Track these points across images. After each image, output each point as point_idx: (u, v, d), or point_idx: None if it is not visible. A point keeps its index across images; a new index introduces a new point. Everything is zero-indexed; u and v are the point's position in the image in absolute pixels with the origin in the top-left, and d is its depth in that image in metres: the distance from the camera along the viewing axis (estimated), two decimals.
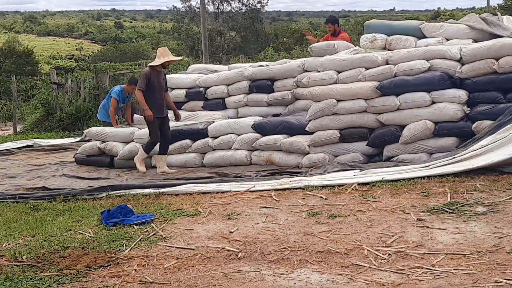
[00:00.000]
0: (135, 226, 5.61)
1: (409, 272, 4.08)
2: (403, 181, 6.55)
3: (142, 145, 8.65)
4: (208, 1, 40.13)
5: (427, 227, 4.99)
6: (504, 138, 6.73)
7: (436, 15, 60.33)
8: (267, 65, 10.04)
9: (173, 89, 10.12)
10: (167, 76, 10.93)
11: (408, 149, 7.51)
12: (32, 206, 6.77)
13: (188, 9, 42.35)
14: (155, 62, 8.45)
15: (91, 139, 9.98)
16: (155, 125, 8.37)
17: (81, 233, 5.51)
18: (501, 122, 6.97)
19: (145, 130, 9.24)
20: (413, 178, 6.60)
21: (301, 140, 8.11)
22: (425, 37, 8.84)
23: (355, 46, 9.76)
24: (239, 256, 4.62)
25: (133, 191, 7.12)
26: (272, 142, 8.34)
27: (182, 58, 9.14)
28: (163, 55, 8.48)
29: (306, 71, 9.03)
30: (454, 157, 6.88)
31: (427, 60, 7.81)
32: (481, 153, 6.74)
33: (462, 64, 7.67)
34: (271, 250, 4.71)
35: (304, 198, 6.32)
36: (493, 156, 6.61)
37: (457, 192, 5.99)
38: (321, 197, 6.30)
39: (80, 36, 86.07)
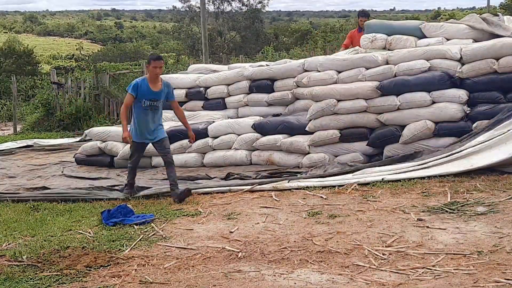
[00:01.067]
0: (135, 226, 5.61)
1: (409, 272, 4.08)
2: (403, 181, 6.55)
3: None
4: (208, 1, 40.13)
5: (427, 227, 4.99)
6: (502, 135, 6.73)
7: (436, 15, 60.31)
8: (267, 65, 10.04)
9: (173, 89, 10.10)
10: (168, 76, 10.96)
11: (408, 149, 7.50)
12: (32, 206, 6.77)
13: (188, 9, 42.34)
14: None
15: (91, 139, 9.98)
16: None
17: (81, 233, 5.51)
18: (499, 118, 6.97)
19: None
20: (413, 178, 6.60)
21: (301, 140, 8.11)
22: (425, 37, 8.84)
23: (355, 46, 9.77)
24: (239, 256, 4.62)
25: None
26: (272, 142, 8.34)
27: None
28: None
29: (306, 71, 9.02)
30: (451, 153, 6.87)
31: (427, 60, 7.81)
32: (479, 150, 6.74)
33: (462, 64, 7.67)
34: (271, 250, 4.71)
35: (304, 198, 6.32)
36: (492, 156, 6.61)
37: (457, 192, 5.99)
38: (321, 197, 6.30)
39: (80, 36, 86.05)
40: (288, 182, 6.96)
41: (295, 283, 4.01)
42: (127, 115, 6.87)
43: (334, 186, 6.65)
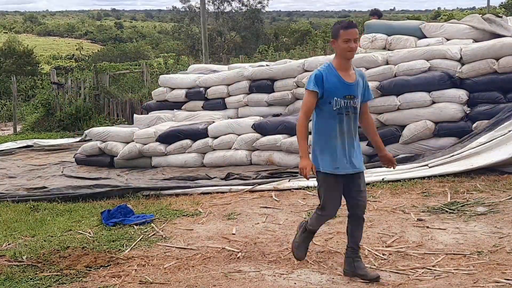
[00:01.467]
0: (135, 226, 5.61)
1: (409, 272, 4.08)
2: (403, 181, 6.55)
3: None
4: (208, 1, 40.15)
5: (427, 227, 4.99)
6: (503, 136, 6.73)
7: (436, 15, 60.31)
8: (267, 65, 10.04)
9: (173, 89, 10.12)
10: (168, 75, 10.96)
11: (408, 149, 7.50)
12: (32, 206, 6.76)
13: (188, 9, 42.37)
14: None
15: (91, 139, 9.98)
16: None
17: (81, 233, 5.51)
18: (499, 119, 6.97)
19: (145, 130, 9.25)
20: (413, 178, 6.60)
21: None
22: (425, 37, 8.84)
23: None
24: (239, 256, 4.62)
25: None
26: (272, 142, 8.34)
27: None
28: None
29: (306, 71, 9.01)
30: (452, 155, 6.87)
31: (427, 60, 7.81)
32: (480, 151, 6.74)
33: (462, 64, 7.67)
34: (271, 250, 4.70)
35: (304, 198, 6.32)
36: (492, 156, 6.61)
37: (457, 192, 5.99)
38: None
39: (80, 36, 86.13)
40: (289, 181, 6.95)
41: (295, 283, 4.01)
42: (307, 130, 4.08)
43: None
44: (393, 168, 4.52)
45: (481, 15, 9.13)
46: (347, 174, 4.04)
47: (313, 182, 6.82)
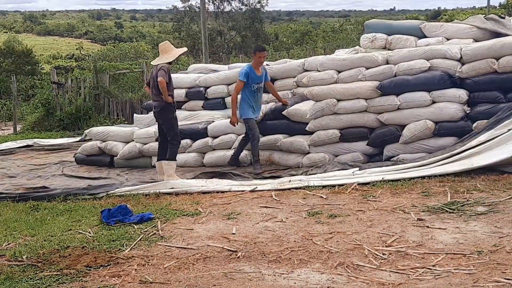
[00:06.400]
0: (135, 226, 5.61)
1: (409, 272, 4.08)
2: (403, 181, 6.55)
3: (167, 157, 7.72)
4: (208, 1, 40.13)
5: (427, 226, 4.99)
6: (503, 135, 6.73)
7: (437, 15, 60.30)
8: (267, 65, 10.03)
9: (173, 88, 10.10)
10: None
11: (408, 149, 7.50)
12: (32, 206, 6.76)
13: (188, 9, 42.34)
14: (166, 59, 7.70)
15: (91, 139, 9.98)
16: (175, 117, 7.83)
17: (81, 233, 5.51)
18: (499, 118, 6.97)
19: (145, 130, 9.26)
20: (413, 178, 6.60)
21: (301, 140, 8.11)
22: (425, 36, 8.84)
23: (355, 45, 9.77)
24: (239, 256, 4.62)
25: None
26: (272, 141, 8.34)
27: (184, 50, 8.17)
28: (168, 52, 7.77)
29: (306, 70, 9.02)
30: (452, 154, 6.87)
31: (427, 60, 7.81)
32: (480, 150, 6.74)
33: (463, 64, 7.67)
34: (271, 250, 4.70)
35: (304, 198, 6.32)
36: (492, 155, 6.61)
37: (457, 191, 5.99)
38: (321, 196, 6.30)
39: (80, 35, 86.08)
40: (289, 182, 6.95)
41: (295, 283, 4.01)
42: (237, 100, 8.14)
43: (334, 186, 6.65)
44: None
45: (483, 15, 9.14)
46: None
47: (313, 182, 6.85)
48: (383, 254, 4.44)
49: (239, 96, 8.17)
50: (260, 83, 8.19)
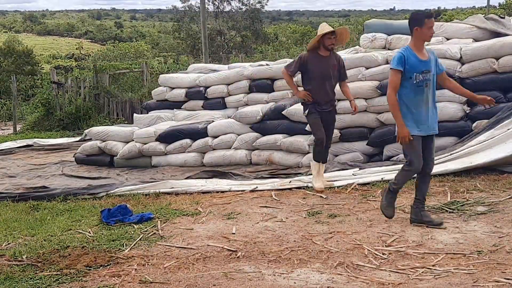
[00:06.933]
0: (134, 226, 5.61)
1: (409, 271, 4.08)
2: None
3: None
4: (208, 1, 40.12)
5: (427, 226, 4.99)
6: (502, 134, 6.73)
7: (437, 15, 60.27)
8: (267, 65, 10.04)
9: (173, 88, 10.12)
10: (168, 75, 10.95)
11: None
12: (32, 206, 6.76)
13: (188, 8, 42.33)
14: (311, 44, 6.68)
15: (91, 139, 9.98)
16: (313, 118, 6.66)
17: (81, 233, 5.51)
18: (499, 117, 6.97)
19: (145, 130, 9.26)
20: (413, 178, 6.59)
21: (301, 140, 8.11)
22: None
23: (355, 45, 9.77)
24: (239, 255, 4.62)
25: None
26: (272, 141, 8.34)
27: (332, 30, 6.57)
28: (320, 32, 6.57)
29: None
30: (452, 154, 6.87)
31: None
32: (479, 149, 6.74)
33: (462, 64, 7.67)
34: (271, 249, 4.70)
35: (304, 198, 6.32)
36: (492, 154, 6.61)
37: (457, 191, 5.99)
38: (321, 196, 6.30)
39: (80, 35, 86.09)
40: (289, 182, 6.95)
41: (295, 283, 4.01)
42: (397, 104, 4.95)
43: (334, 186, 6.64)
44: (493, 105, 5.47)
45: (483, 15, 9.14)
46: (427, 136, 5.01)
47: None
48: (383, 254, 4.44)
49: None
50: (428, 73, 4.93)
